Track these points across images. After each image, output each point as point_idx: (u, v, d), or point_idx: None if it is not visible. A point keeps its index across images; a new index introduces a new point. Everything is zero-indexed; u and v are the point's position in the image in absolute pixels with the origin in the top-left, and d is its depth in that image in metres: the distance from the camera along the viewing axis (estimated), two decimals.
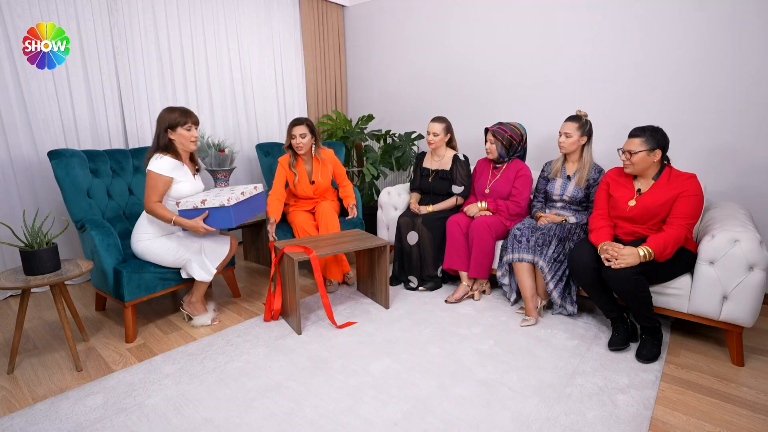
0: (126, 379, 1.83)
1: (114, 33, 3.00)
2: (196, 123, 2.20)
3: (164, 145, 2.13)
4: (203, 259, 2.26)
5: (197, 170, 2.33)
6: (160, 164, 2.08)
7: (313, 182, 2.90)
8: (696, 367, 1.92)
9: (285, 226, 2.95)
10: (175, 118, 2.12)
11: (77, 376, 1.88)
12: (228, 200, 2.03)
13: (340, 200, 3.20)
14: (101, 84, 2.97)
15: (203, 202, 2.06)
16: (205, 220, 2.11)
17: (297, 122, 2.78)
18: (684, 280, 2.03)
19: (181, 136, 2.15)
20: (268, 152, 3.54)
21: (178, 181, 2.15)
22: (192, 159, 2.31)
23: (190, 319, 2.38)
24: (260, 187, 2.30)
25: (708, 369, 1.90)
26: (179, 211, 2.10)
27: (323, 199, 2.99)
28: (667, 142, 2.05)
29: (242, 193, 2.16)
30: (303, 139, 2.76)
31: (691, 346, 2.10)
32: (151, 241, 2.18)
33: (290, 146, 2.82)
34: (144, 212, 2.19)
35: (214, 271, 2.28)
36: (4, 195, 2.67)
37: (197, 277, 2.24)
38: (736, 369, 1.91)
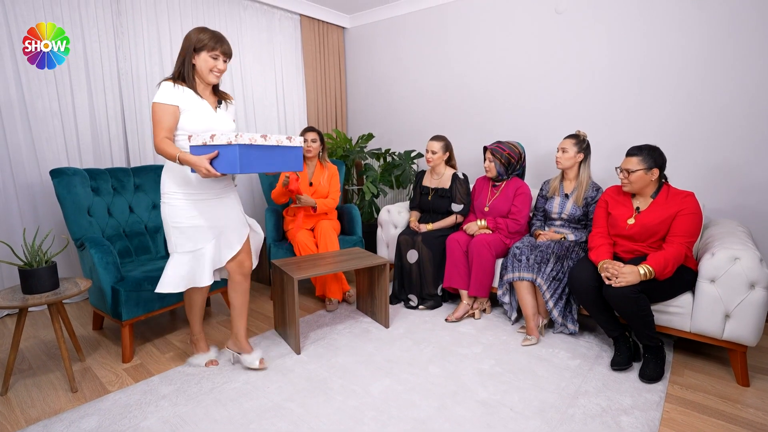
0: (122, 401, 1.80)
1: (119, 54, 3.06)
2: (228, 55, 1.82)
3: (179, 72, 1.80)
4: (213, 253, 1.89)
5: (221, 103, 1.93)
6: (162, 91, 1.75)
7: (311, 184, 2.99)
8: (700, 387, 1.89)
9: (286, 244, 2.95)
10: (203, 39, 1.75)
11: (72, 398, 1.85)
12: (238, 137, 1.59)
13: (339, 220, 3.22)
14: (105, 103, 3.01)
15: (212, 137, 1.65)
16: (212, 162, 1.68)
17: (310, 129, 3.03)
18: (685, 298, 2.02)
19: (204, 61, 1.78)
20: None
21: (186, 110, 1.77)
22: (216, 92, 1.94)
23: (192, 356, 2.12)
24: (297, 141, 1.81)
25: (713, 389, 1.88)
26: (190, 147, 1.74)
27: (323, 216, 3.02)
28: (665, 161, 2.07)
29: (264, 137, 1.68)
30: (314, 143, 2.98)
31: (695, 365, 2.08)
32: (170, 204, 1.82)
33: None
34: (164, 168, 1.88)
35: (204, 282, 1.88)
36: (5, 213, 2.68)
37: (195, 282, 1.87)
38: (741, 389, 1.88)
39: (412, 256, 2.77)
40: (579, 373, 1.98)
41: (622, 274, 1.90)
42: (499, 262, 2.60)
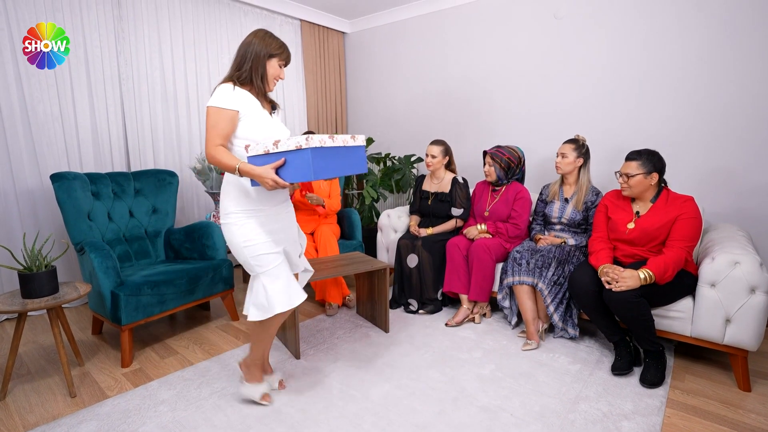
0: (120, 406, 1.80)
1: (120, 59, 3.07)
2: (288, 63, 1.72)
3: (245, 76, 1.62)
4: (290, 267, 1.72)
5: (274, 109, 1.76)
6: (220, 94, 1.54)
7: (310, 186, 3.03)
8: (701, 392, 1.89)
9: None
10: (277, 47, 1.63)
11: (71, 403, 1.84)
12: (308, 140, 1.40)
13: (339, 224, 3.23)
14: (105, 107, 3.02)
15: (276, 143, 1.45)
16: (278, 172, 1.48)
17: (310, 133, 3.01)
18: (686, 303, 2.01)
19: (273, 69, 1.65)
20: None
21: (247, 116, 1.59)
22: (266, 98, 1.77)
23: (241, 380, 1.86)
24: (360, 140, 1.62)
25: (714, 394, 1.87)
26: (248, 157, 1.54)
27: (320, 217, 3.05)
28: (664, 165, 2.07)
29: (331, 137, 1.50)
30: None
31: (696, 370, 2.07)
32: (235, 224, 1.62)
33: None
34: (223, 184, 1.69)
35: (302, 297, 1.69)
36: (5, 217, 2.68)
37: (275, 307, 1.61)
38: (742, 394, 1.87)
39: (412, 260, 2.76)
40: (579, 378, 1.97)
41: (623, 279, 1.90)
42: (499, 266, 2.59)
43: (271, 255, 1.64)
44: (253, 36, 1.63)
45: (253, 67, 1.61)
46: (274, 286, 1.62)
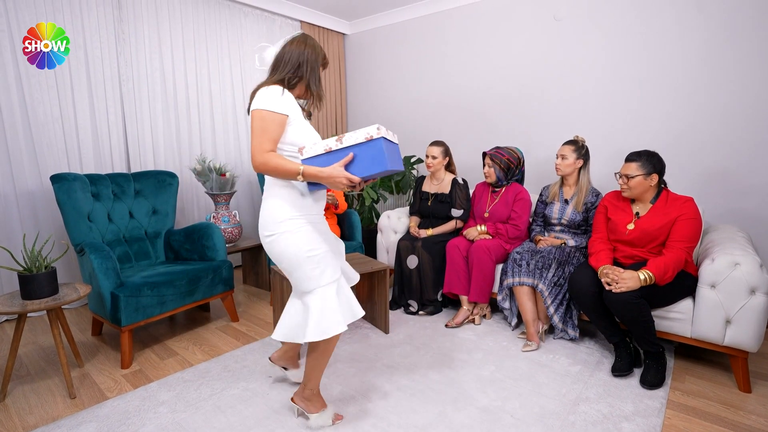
0: (120, 407, 1.79)
1: (120, 60, 3.08)
2: (326, 68, 1.66)
3: (294, 80, 1.52)
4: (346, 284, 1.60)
5: (309, 116, 1.65)
6: (270, 98, 1.41)
7: None
8: (702, 393, 1.88)
9: None
10: (323, 58, 1.57)
11: (70, 404, 1.84)
12: (380, 129, 1.32)
13: (339, 225, 3.22)
14: (106, 109, 3.02)
15: (340, 138, 1.35)
16: (347, 168, 1.38)
17: None
18: (686, 304, 2.01)
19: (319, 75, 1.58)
20: None
21: (294, 121, 1.48)
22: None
23: (303, 416, 1.69)
24: (375, 133, 1.39)
25: (714, 396, 1.87)
26: (302, 160, 1.42)
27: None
28: (663, 166, 2.07)
29: (389, 132, 1.42)
30: None
31: (696, 371, 2.07)
32: (294, 232, 1.48)
33: None
34: (265, 196, 1.54)
35: (360, 313, 1.57)
36: (5, 218, 2.68)
37: (334, 329, 1.47)
38: (743, 396, 1.87)
39: (412, 261, 2.76)
40: (580, 379, 1.97)
41: (623, 280, 1.90)
42: (499, 267, 2.59)
43: (333, 268, 1.52)
44: (302, 43, 1.53)
45: (311, 73, 1.53)
46: (332, 304, 1.48)
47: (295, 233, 1.47)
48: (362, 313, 1.57)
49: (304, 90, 1.56)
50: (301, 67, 1.52)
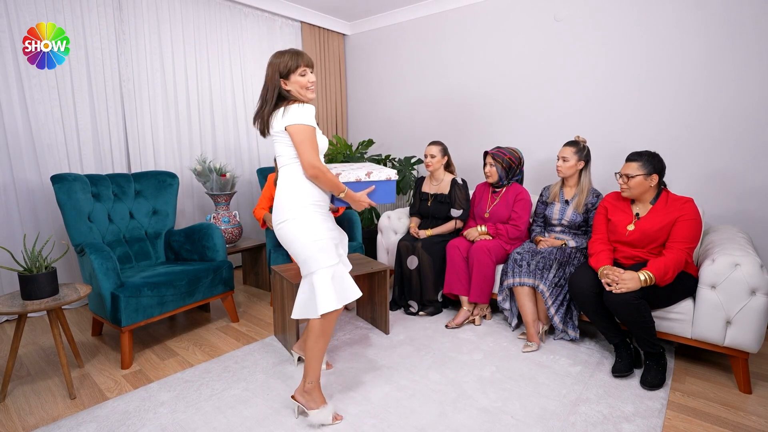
0: (120, 408, 1.79)
1: (121, 60, 3.08)
2: (310, 65, 1.67)
3: (284, 98, 1.65)
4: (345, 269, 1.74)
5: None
6: (304, 114, 1.58)
7: None
8: (702, 394, 1.88)
9: (286, 250, 2.94)
10: (286, 62, 1.62)
11: (70, 405, 1.84)
12: (393, 174, 1.79)
13: (339, 226, 3.22)
14: (106, 109, 3.03)
15: (369, 174, 1.75)
16: (368, 195, 1.75)
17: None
18: (686, 304, 2.01)
19: (296, 83, 1.64)
20: (268, 176, 3.58)
21: (317, 132, 1.67)
22: None
23: (303, 413, 1.72)
24: (393, 175, 1.84)
25: (715, 396, 1.87)
26: (343, 182, 1.70)
27: None
28: (664, 167, 2.07)
29: (396, 175, 1.85)
30: None
31: (697, 372, 2.07)
32: (305, 218, 1.64)
33: None
34: (284, 186, 1.68)
35: (359, 291, 1.72)
36: (6, 219, 2.68)
37: (328, 304, 1.61)
38: (743, 396, 1.87)
39: (412, 262, 2.76)
40: (580, 380, 1.97)
41: (623, 281, 1.90)
42: (500, 268, 2.59)
43: (334, 252, 1.68)
44: (269, 63, 1.66)
45: (276, 92, 1.64)
46: (327, 284, 1.63)
47: (305, 220, 1.64)
48: (356, 295, 1.69)
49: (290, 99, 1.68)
50: (266, 91, 1.66)
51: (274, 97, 1.64)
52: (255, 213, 2.99)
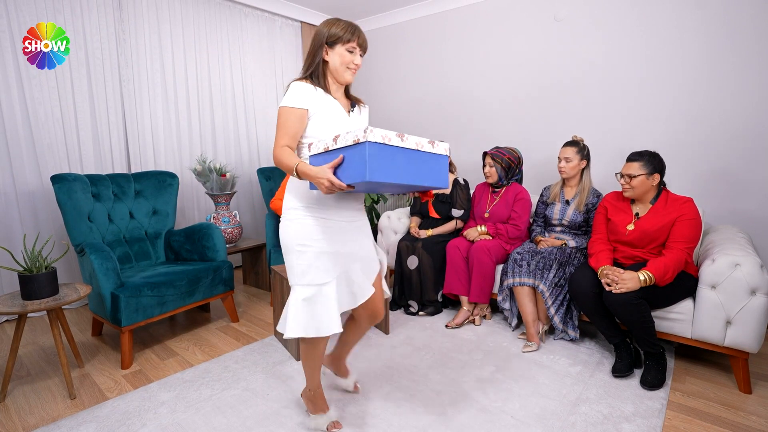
0: (120, 408, 1.79)
1: (121, 60, 3.08)
2: (364, 48, 1.50)
3: (309, 71, 1.49)
4: (340, 293, 1.49)
5: (354, 107, 1.59)
6: (289, 92, 1.43)
7: None
8: (702, 394, 1.88)
9: None
10: (337, 32, 1.44)
11: (70, 404, 1.84)
12: (367, 132, 1.16)
13: None
14: (106, 109, 3.03)
15: (336, 139, 1.28)
16: (337, 173, 1.28)
17: None
18: (686, 304, 2.01)
19: (338, 56, 1.46)
20: (269, 176, 3.57)
21: (316, 113, 1.44)
22: (347, 94, 1.60)
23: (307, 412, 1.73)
24: (441, 147, 1.35)
25: (715, 396, 1.87)
26: (310, 157, 1.41)
27: None
28: (664, 166, 2.07)
29: (400, 136, 1.24)
30: None
31: (697, 372, 2.07)
32: (293, 221, 1.46)
33: None
34: (287, 185, 1.54)
35: (331, 330, 1.44)
36: (6, 219, 2.68)
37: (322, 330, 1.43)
38: (743, 396, 1.87)
39: (413, 262, 2.76)
40: (580, 380, 1.97)
41: (623, 281, 1.90)
42: (500, 268, 2.59)
43: (321, 272, 1.43)
44: (318, 27, 1.49)
45: (315, 59, 1.48)
46: (298, 310, 1.43)
47: (293, 222, 1.46)
48: (330, 331, 1.43)
49: (329, 77, 1.50)
50: (308, 57, 1.50)
51: (312, 65, 1.47)
52: (272, 204, 3.01)
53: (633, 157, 2.09)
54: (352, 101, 1.59)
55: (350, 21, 1.47)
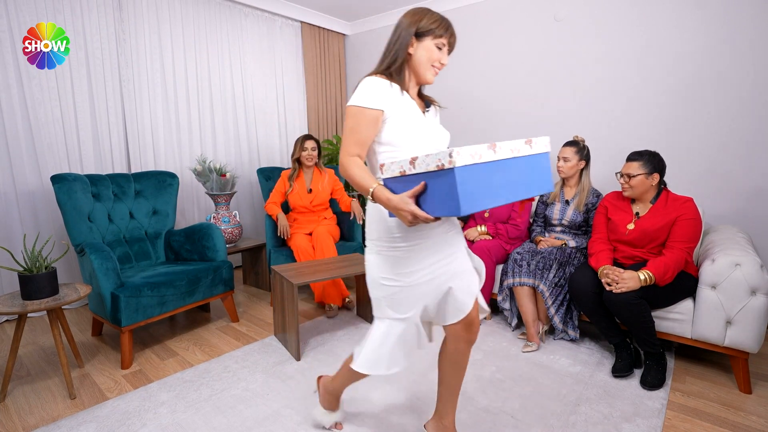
0: (120, 408, 1.79)
1: (121, 60, 3.08)
2: (452, 47, 1.36)
3: (392, 65, 1.28)
4: (428, 315, 1.36)
5: (429, 107, 1.38)
6: (361, 91, 1.22)
7: (310, 190, 3.05)
8: (702, 394, 1.88)
9: (286, 250, 2.95)
10: (429, 24, 1.25)
11: (70, 405, 1.84)
12: (453, 154, 0.94)
13: (339, 226, 3.22)
14: (106, 109, 3.03)
15: (413, 162, 1.05)
16: (419, 201, 1.07)
17: (309, 137, 3.06)
18: (686, 304, 2.01)
19: (427, 51, 1.27)
20: (269, 177, 3.57)
21: (392, 117, 1.23)
22: (420, 94, 1.40)
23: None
24: (540, 144, 1.15)
25: (715, 396, 1.87)
26: (383, 180, 1.17)
27: (321, 218, 3.08)
28: (664, 166, 2.08)
29: (492, 147, 1.02)
30: (314, 152, 3.05)
31: (697, 372, 2.07)
32: (376, 254, 1.32)
33: (297, 159, 3.06)
34: (368, 203, 1.30)
35: (397, 367, 1.34)
36: (6, 219, 2.68)
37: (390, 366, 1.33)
38: (743, 396, 1.87)
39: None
40: (580, 380, 1.97)
41: (623, 280, 1.90)
42: (500, 268, 2.59)
43: (403, 306, 1.30)
44: (403, 16, 1.29)
45: (398, 52, 1.27)
46: (378, 344, 1.33)
47: (378, 256, 1.30)
48: (397, 368, 1.34)
49: (410, 75, 1.31)
50: (393, 48, 1.28)
51: (393, 58, 1.27)
52: (266, 208, 3.05)
53: (632, 157, 2.09)
54: (427, 101, 1.40)
55: (441, 14, 1.30)
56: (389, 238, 1.27)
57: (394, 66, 1.28)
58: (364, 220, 2.78)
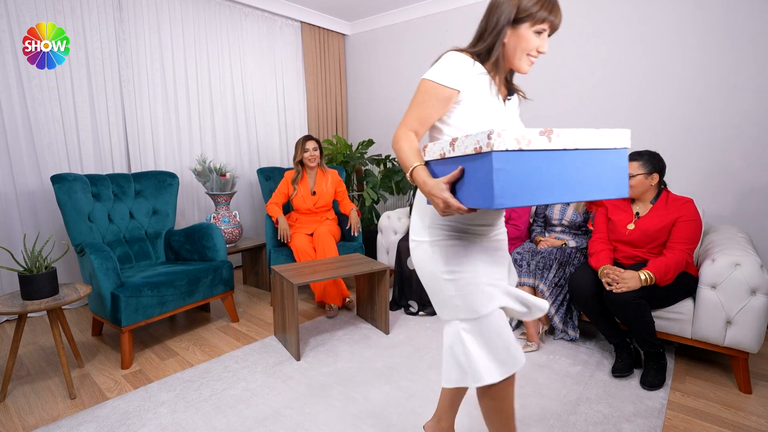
0: (120, 407, 1.79)
1: (121, 60, 3.08)
2: (554, 29, 1.20)
3: (480, 49, 1.13)
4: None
5: (511, 94, 1.27)
6: (441, 66, 1.09)
7: (314, 192, 3.04)
8: (702, 394, 1.88)
9: (286, 250, 2.95)
10: (529, 6, 1.08)
11: (70, 404, 1.84)
12: (493, 136, 0.82)
13: (341, 226, 3.22)
14: (106, 109, 3.03)
15: (453, 143, 0.94)
16: (456, 188, 0.96)
17: (310, 138, 3.05)
18: (686, 304, 2.01)
19: (523, 40, 1.11)
20: (269, 177, 3.57)
21: (467, 100, 1.10)
22: (507, 81, 1.26)
23: None
24: (616, 138, 1.02)
25: (715, 396, 1.87)
26: (427, 162, 1.07)
27: (323, 219, 3.08)
28: (664, 166, 2.07)
29: (546, 133, 0.90)
30: (315, 152, 3.03)
31: (697, 372, 2.07)
32: (430, 244, 1.16)
33: (300, 161, 3.04)
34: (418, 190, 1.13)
35: (522, 360, 1.12)
36: (6, 219, 2.68)
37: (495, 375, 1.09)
38: (743, 396, 1.87)
39: (412, 262, 2.76)
40: (580, 380, 1.97)
41: (623, 280, 1.90)
42: None
43: (488, 294, 1.12)
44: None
45: (496, 37, 1.11)
46: (479, 347, 1.10)
47: (434, 245, 1.14)
48: (521, 364, 1.11)
49: (503, 60, 1.15)
50: (488, 30, 1.12)
51: (485, 45, 1.12)
52: (268, 208, 3.04)
53: (632, 157, 2.09)
54: (511, 89, 1.25)
55: None
56: (437, 226, 1.14)
57: (484, 49, 1.13)
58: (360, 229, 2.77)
